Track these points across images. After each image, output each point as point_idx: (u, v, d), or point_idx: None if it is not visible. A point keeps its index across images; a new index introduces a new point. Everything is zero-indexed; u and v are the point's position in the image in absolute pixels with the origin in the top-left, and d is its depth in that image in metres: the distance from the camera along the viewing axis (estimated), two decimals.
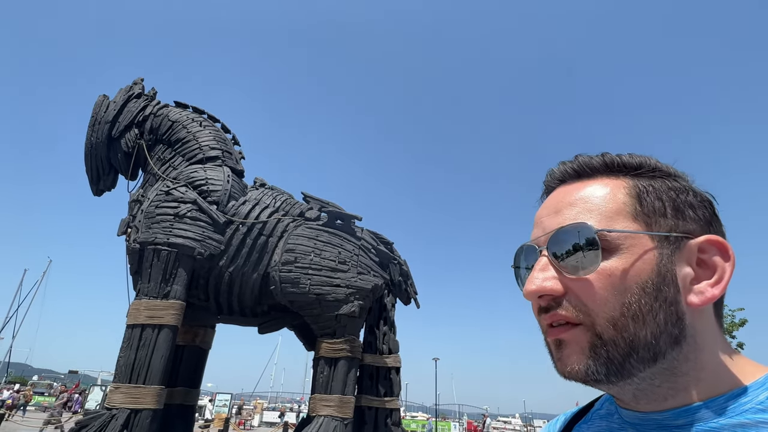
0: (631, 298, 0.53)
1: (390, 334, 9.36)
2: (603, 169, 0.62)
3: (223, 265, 8.07)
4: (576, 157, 0.66)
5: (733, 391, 0.53)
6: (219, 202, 8.26)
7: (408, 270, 9.78)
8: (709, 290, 0.55)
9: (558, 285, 0.56)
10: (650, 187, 0.60)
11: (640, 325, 0.53)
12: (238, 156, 9.65)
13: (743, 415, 0.51)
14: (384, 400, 8.76)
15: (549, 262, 0.58)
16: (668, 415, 0.55)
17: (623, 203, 0.58)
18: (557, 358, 0.57)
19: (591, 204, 0.59)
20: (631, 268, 0.54)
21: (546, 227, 0.61)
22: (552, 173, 0.68)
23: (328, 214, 8.90)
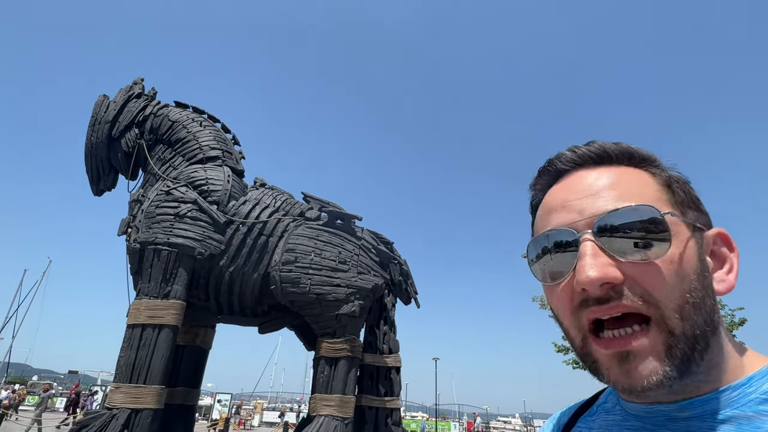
0: (691, 284, 0.52)
1: (390, 333, 9.36)
2: (623, 157, 0.61)
3: (224, 264, 8.06)
4: (591, 143, 0.63)
5: (738, 382, 0.53)
6: (219, 202, 8.26)
7: (408, 270, 9.78)
8: (728, 278, 0.57)
9: (618, 272, 0.51)
10: (673, 179, 0.59)
11: (698, 313, 0.51)
12: (238, 156, 9.64)
13: (748, 406, 0.50)
14: (384, 400, 8.75)
15: (599, 248, 0.52)
16: (675, 407, 0.53)
17: (659, 192, 0.57)
18: (624, 372, 0.50)
19: (632, 189, 0.56)
20: (685, 255, 0.53)
21: (584, 210, 0.55)
22: (563, 156, 0.63)
23: (329, 213, 8.90)
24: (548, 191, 0.64)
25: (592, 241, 0.53)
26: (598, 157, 0.61)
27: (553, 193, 0.62)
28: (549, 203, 0.62)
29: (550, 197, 0.62)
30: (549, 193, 0.63)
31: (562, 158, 0.63)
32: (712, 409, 0.51)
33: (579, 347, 0.55)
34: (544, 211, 0.62)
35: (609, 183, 0.57)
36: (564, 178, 0.62)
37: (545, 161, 0.66)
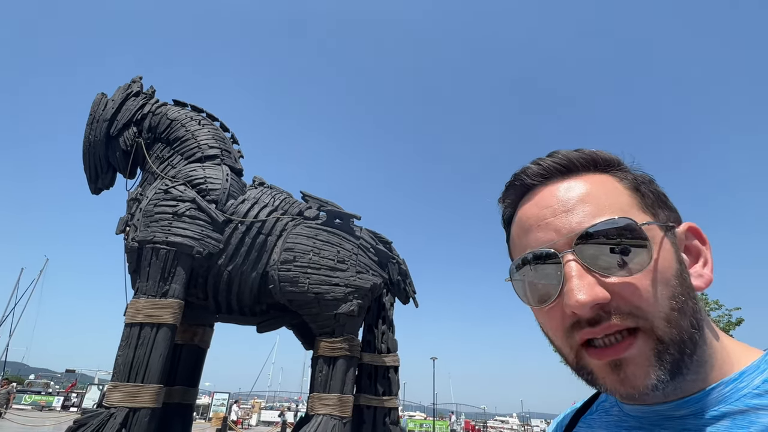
0: (674, 290, 0.52)
1: (388, 333, 9.37)
2: (588, 165, 0.61)
3: (222, 263, 8.05)
4: (555, 153, 0.62)
5: (730, 377, 0.53)
6: (218, 201, 8.25)
7: (406, 269, 9.79)
8: (705, 273, 0.57)
9: (605, 291, 0.50)
10: (639, 180, 0.60)
11: (683, 317, 0.51)
12: (236, 154, 9.63)
13: (742, 401, 0.51)
14: (382, 399, 8.76)
15: (582, 267, 0.52)
16: (670, 406, 0.54)
17: (630, 197, 0.57)
18: (619, 380, 0.51)
19: (604, 199, 0.56)
20: (664, 260, 0.53)
21: (560, 228, 0.55)
22: (529, 170, 0.62)
23: (327, 213, 8.90)
24: (519, 206, 0.64)
25: (576, 261, 0.52)
26: (563, 168, 0.61)
27: (525, 210, 0.61)
28: (523, 222, 0.61)
29: (522, 214, 0.61)
30: (521, 210, 0.62)
31: (528, 172, 0.62)
32: (706, 406, 0.52)
33: (573, 362, 0.55)
34: (520, 230, 0.61)
35: (580, 196, 0.57)
36: (533, 193, 0.62)
37: (512, 175, 0.65)
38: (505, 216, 0.67)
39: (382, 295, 9.45)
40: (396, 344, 9.43)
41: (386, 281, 9.25)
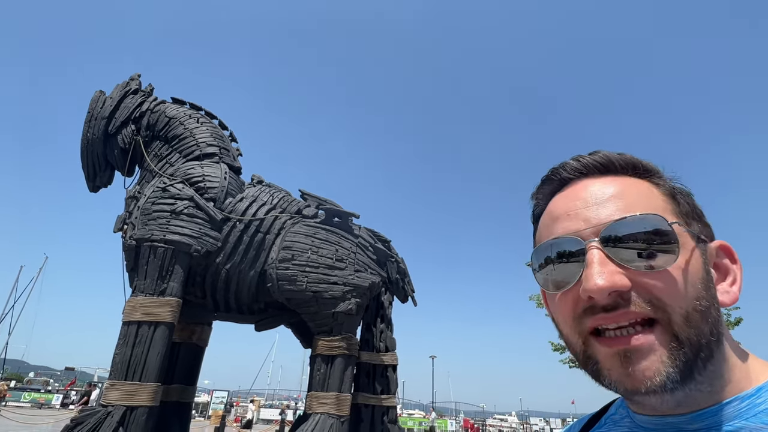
0: (698, 293, 0.51)
1: (387, 331, 9.36)
2: (628, 168, 0.61)
3: (220, 262, 8.04)
4: (596, 152, 0.62)
5: (746, 393, 0.52)
6: (216, 199, 8.23)
7: (405, 268, 9.78)
8: (732, 290, 0.57)
9: (626, 279, 0.50)
10: (677, 191, 0.60)
11: (704, 322, 0.51)
12: (235, 153, 9.61)
13: (758, 418, 0.49)
14: (381, 398, 8.77)
15: (606, 256, 0.52)
16: (685, 419, 0.53)
17: (664, 202, 0.57)
18: (626, 374, 0.50)
19: (638, 198, 0.56)
20: (692, 264, 0.53)
21: (590, 218, 0.55)
22: (568, 165, 0.63)
23: (326, 211, 8.88)
24: (551, 200, 0.64)
25: (599, 249, 0.52)
26: (602, 167, 0.61)
27: (556, 201, 0.62)
28: (553, 211, 0.61)
29: (553, 206, 0.62)
30: (552, 202, 0.63)
31: (567, 167, 0.63)
32: (721, 420, 0.51)
33: (580, 351, 0.55)
34: (548, 220, 0.61)
35: (614, 192, 0.57)
36: (568, 187, 0.62)
37: (549, 170, 0.65)
38: (536, 211, 0.67)
39: (380, 294, 9.44)
40: (394, 343, 9.43)
41: (385, 280, 9.24)
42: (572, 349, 0.57)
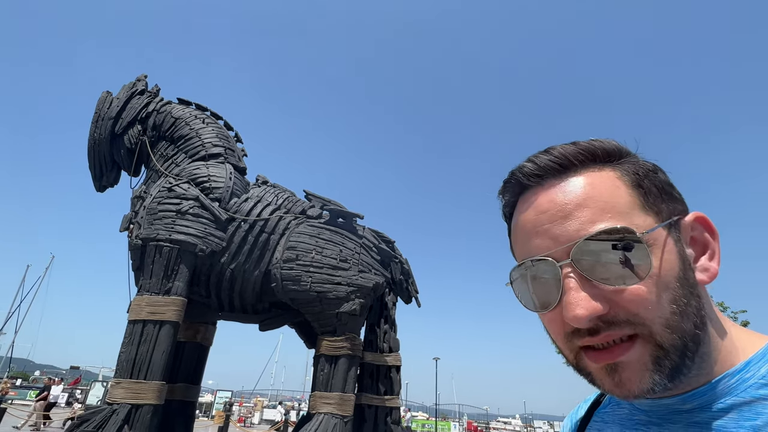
0: (675, 293, 0.51)
1: (391, 332, 9.36)
2: (587, 159, 0.58)
3: (225, 262, 8.08)
4: (551, 150, 0.60)
5: (735, 368, 0.53)
6: (221, 199, 8.27)
7: (409, 269, 9.78)
8: (711, 266, 0.56)
9: (604, 302, 0.50)
10: (642, 174, 0.57)
11: (685, 319, 0.51)
12: (240, 153, 9.66)
13: (747, 392, 0.50)
14: (384, 399, 8.76)
15: (580, 277, 0.51)
16: (677, 399, 0.54)
17: (630, 195, 0.55)
18: (615, 384, 0.51)
19: (602, 202, 0.53)
20: (665, 264, 0.52)
21: (558, 236, 0.53)
22: (524, 169, 0.60)
23: (330, 212, 8.91)
24: (518, 203, 0.63)
25: (573, 272, 0.52)
26: (560, 166, 0.58)
27: (523, 214, 0.60)
28: (522, 225, 0.59)
29: (522, 219, 0.60)
30: (520, 211, 0.61)
31: (524, 171, 0.60)
32: (713, 398, 0.52)
33: (574, 364, 0.56)
34: (519, 235, 0.60)
35: (578, 200, 0.54)
36: (531, 194, 0.60)
37: (509, 173, 0.63)
38: (505, 211, 0.67)
39: (384, 295, 9.44)
40: (398, 344, 9.43)
41: (389, 280, 9.25)
42: (567, 359, 0.58)
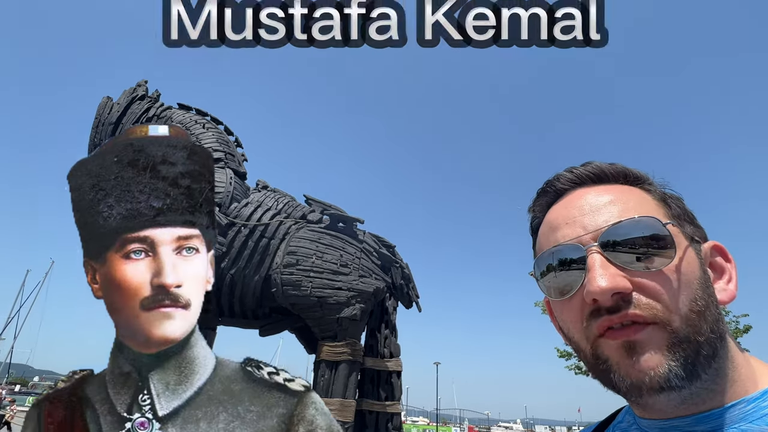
0: (695, 293, 0.53)
1: (391, 337, 9.32)
2: (620, 177, 0.63)
3: (225, 267, 8.06)
4: (588, 163, 0.65)
5: (752, 396, 0.52)
6: (221, 204, 8.27)
7: (410, 273, 9.76)
8: (729, 288, 0.59)
9: (627, 282, 0.52)
10: (668, 197, 0.62)
11: (703, 321, 0.51)
12: (240, 158, 9.68)
13: (763, 420, 0.50)
14: (385, 404, 8.70)
15: (605, 259, 0.53)
16: (689, 420, 0.53)
17: (657, 206, 0.59)
18: (631, 364, 0.50)
19: (631, 204, 0.58)
20: (688, 264, 0.54)
21: (588, 225, 0.57)
22: (562, 177, 0.65)
23: (330, 216, 8.90)
24: (548, 211, 0.66)
25: (599, 253, 0.54)
26: (595, 177, 0.64)
27: (554, 211, 0.64)
28: (551, 221, 0.63)
29: (551, 215, 0.64)
30: (550, 212, 0.65)
31: (561, 179, 0.65)
32: (726, 423, 0.51)
33: (590, 354, 0.56)
34: (547, 229, 0.64)
35: (609, 199, 0.59)
36: (563, 198, 0.64)
37: (544, 183, 0.68)
38: (534, 223, 0.69)
39: (384, 300, 9.41)
40: (399, 349, 9.39)
41: (389, 285, 9.22)
42: (581, 353, 0.58)
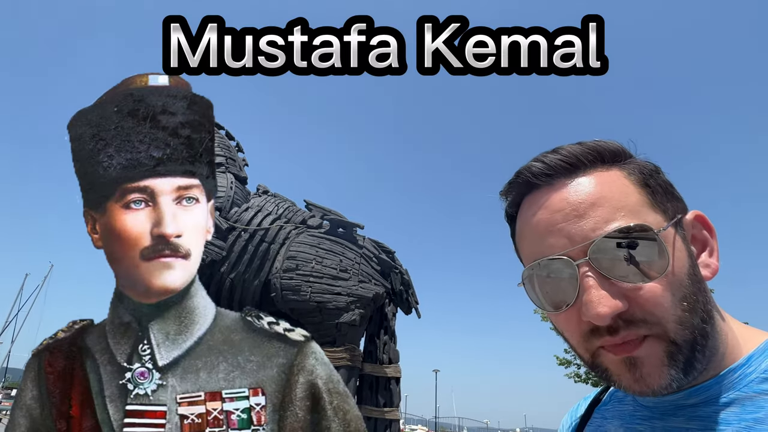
0: (687, 290, 0.52)
1: (390, 343, 9.30)
2: (595, 159, 0.59)
3: (225, 271, 8.07)
4: (559, 150, 0.61)
5: (737, 363, 0.54)
6: (222, 209, 8.29)
7: (409, 279, 9.75)
8: (712, 262, 0.58)
9: (623, 299, 0.51)
10: (647, 174, 0.59)
11: (695, 315, 0.52)
12: (241, 163, 9.71)
13: (750, 387, 0.51)
14: (383, 411, 8.67)
15: (598, 276, 0.52)
16: (681, 395, 0.55)
17: (639, 194, 0.56)
18: (635, 379, 0.52)
19: (615, 201, 0.54)
20: (677, 261, 0.53)
21: (574, 236, 0.54)
22: (533, 168, 0.60)
23: (330, 222, 8.92)
24: (524, 203, 0.63)
25: (592, 271, 0.52)
26: (569, 165, 0.59)
27: (534, 212, 0.60)
28: (534, 225, 0.59)
29: (533, 217, 0.60)
30: (529, 210, 0.61)
31: (533, 170, 0.60)
32: (716, 393, 0.53)
33: (590, 362, 0.56)
34: (530, 233, 0.60)
35: (591, 199, 0.55)
36: (540, 194, 0.60)
37: (515, 173, 0.63)
38: (509, 211, 0.67)
39: (384, 305, 9.40)
40: (398, 355, 9.36)
41: (388, 291, 9.22)
42: (580, 357, 0.58)
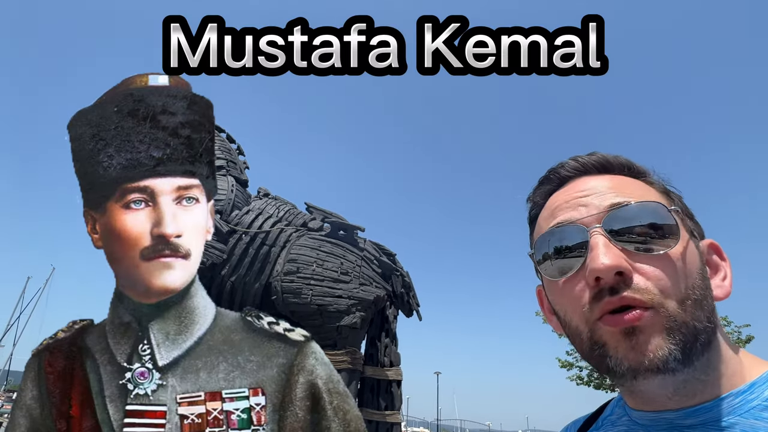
0: (694, 281, 0.54)
1: (392, 346, 9.29)
2: (623, 168, 0.64)
3: (225, 274, 8.07)
4: (593, 153, 0.66)
5: (739, 389, 0.53)
6: (222, 212, 8.30)
7: (410, 282, 9.75)
8: (725, 285, 0.60)
9: (628, 263, 0.52)
10: (671, 192, 0.63)
11: (699, 309, 0.52)
12: (242, 166, 9.73)
13: (751, 413, 0.50)
14: (385, 414, 8.64)
15: (609, 240, 0.54)
16: (680, 414, 0.54)
17: (659, 196, 0.60)
18: (631, 347, 0.51)
19: (635, 191, 0.59)
20: (688, 253, 0.55)
21: (590, 206, 0.58)
22: (567, 165, 0.66)
23: (331, 224, 8.93)
24: (549, 198, 0.66)
25: (603, 234, 0.54)
26: (600, 166, 0.64)
27: (555, 196, 0.65)
28: (552, 204, 0.64)
29: (552, 200, 0.64)
30: (551, 198, 0.65)
31: (566, 166, 0.66)
32: (715, 416, 0.52)
33: (586, 338, 0.55)
34: (548, 213, 0.64)
35: (612, 185, 0.60)
36: (566, 185, 0.65)
37: (547, 170, 0.67)
38: (533, 213, 0.69)
39: (385, 308, 9.39)
40: (399, 358, 9.34)
41: (389, 293, 9.21)
42: (578, 338, 0.58)
